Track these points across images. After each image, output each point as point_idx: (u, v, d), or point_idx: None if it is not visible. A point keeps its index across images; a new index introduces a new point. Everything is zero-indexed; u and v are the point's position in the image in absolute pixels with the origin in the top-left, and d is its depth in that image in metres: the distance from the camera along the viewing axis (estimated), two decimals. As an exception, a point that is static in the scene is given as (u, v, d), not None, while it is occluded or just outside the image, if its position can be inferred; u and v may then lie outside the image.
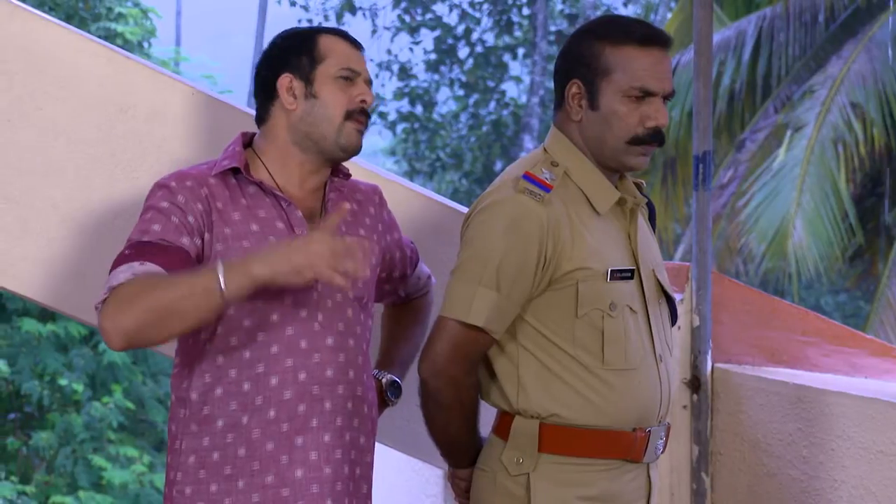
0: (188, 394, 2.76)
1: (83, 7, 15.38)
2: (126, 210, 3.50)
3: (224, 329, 2.74)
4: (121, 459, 13.55)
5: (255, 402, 2.73)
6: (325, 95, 2.79)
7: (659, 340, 2.79)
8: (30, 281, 3.52)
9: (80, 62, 3.51)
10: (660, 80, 2.72)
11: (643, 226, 2.86)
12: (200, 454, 2.75)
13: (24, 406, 13.97)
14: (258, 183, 2.79)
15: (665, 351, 2.80)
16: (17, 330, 13.68)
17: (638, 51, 2.70)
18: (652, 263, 2.82)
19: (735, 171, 11.53)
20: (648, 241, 2.86)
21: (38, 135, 3.48)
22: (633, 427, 2.73)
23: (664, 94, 2.74)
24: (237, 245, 2.72)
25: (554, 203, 2.69)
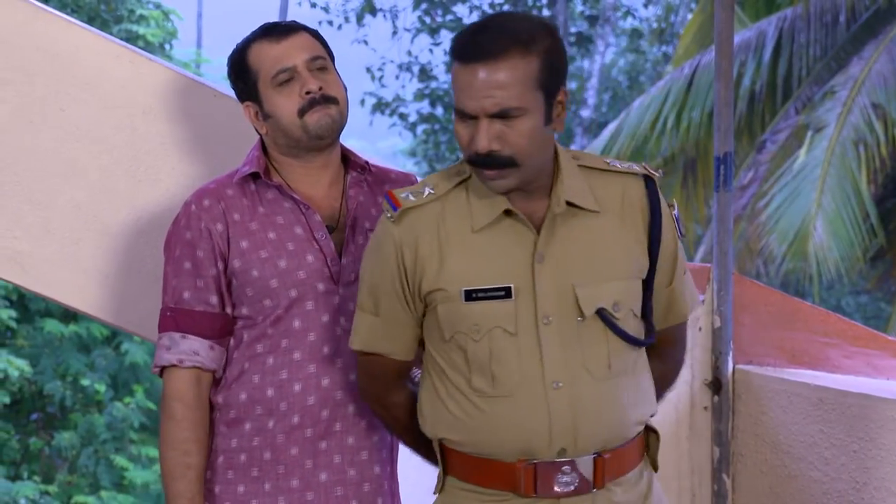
0: (216, 398, 2.80)
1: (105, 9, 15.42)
2: (148, 211, 3.51)
3: (249, 336, 2.78)
4: (143, 459, 13.58)
5: (280, 408, 2.76)
6: (274, 110, 2.79)
7: (554, 364, 2.46)
8: (53, 282, 3.53)
9: (102, 64, 3.52)
10: (473, 99, 2.39)
11: (576, 237, 2.51)
12: (228, 455, 2.79)
13: (46, 406, 14.01)
14: (277, 186, 2.80)
15: (572, 375, 2.46)
16: (40, 330, 13.72)
17: (458, 67, 2.42)
18: (573, 278, 2.48)
19: (756, 172, 11.49)
20: (581, 252, 2.50)
21: (61, 136, 3.49)
22: (516, 458, 2.48)
23: (486, 115, 2.40)
24: (254, 257, 2.76)
25: (417, 221, 2.52)
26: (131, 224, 3.51)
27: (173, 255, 2.80)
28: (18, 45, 3.46)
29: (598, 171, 2.56)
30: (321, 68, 2.80)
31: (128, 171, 3.52)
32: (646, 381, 2.57)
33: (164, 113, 3.53)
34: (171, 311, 2.78)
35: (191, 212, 2.80)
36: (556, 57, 2.44)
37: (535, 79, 2.40)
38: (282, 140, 2.80)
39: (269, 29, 2.82)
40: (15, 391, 13.39)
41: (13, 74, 3.45)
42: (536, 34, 2.42)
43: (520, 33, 2.40)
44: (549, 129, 2.46)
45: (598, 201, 2.53)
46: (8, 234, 3.47)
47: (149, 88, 3.54)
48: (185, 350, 2.75)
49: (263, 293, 2.75)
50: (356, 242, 2.81)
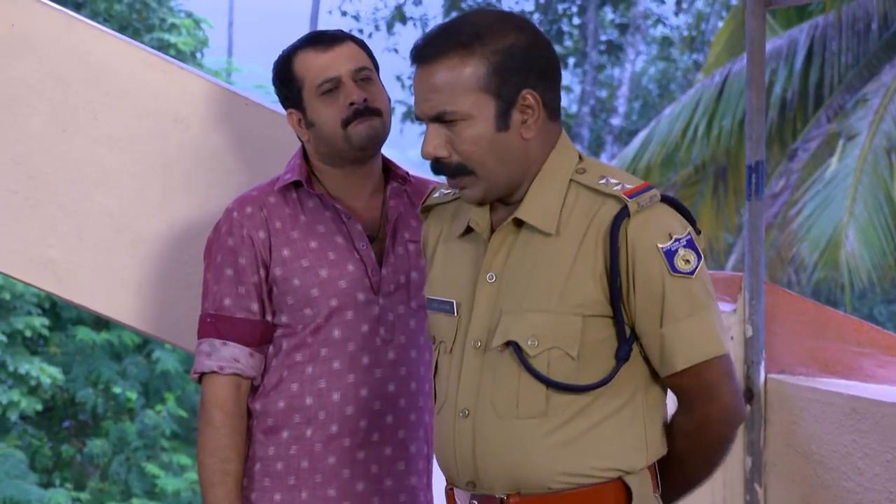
0: (253, 405, 2.80)
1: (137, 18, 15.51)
2: (180, 219, 3.52)
3: (289, 345, 2.78)
4: (174, 467, 13.63)
5: (319, 417, 2.76)
6: (317, 119, 2.78)
7: (465, 392, 2.29)
8: (85, 290, 3.55)
9: (135, 73, 3.53)
10: (417, 103, 2.28)
11: (527, 259, 2.28)
12: (266, 463, 2.79)
13: (78, 414, 14.08)
14: (319, 195, 2.80)
15: (478, 407, 2.28)
16: (72, 338, 13.80)
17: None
18: (506, 303, 2.27)
19: (787, 180, 11.45)
20: (523, 277, 2.28)
21: (94, 145, 3.51)
22: (448, 479, 2.37)
23: (427, 118, 2.26)
24: (296, 265, 2.76)
25: (434, 218, 2.47)
26: (163, 232, 3.53)
27: (214, 261, 2.81)
28: (52, 54, 3.47)
29: (587, 189, 2.28)
30: (366, 79, 2.78)
31: (160, 180, 3.53)
32: (606, 432, 2.25)
33: (196, 121, 3.54)
34: (211, 318, 2.79)
35: (233, 219, 2.80)
36: (517, 57, 2.24)
37: (479, 82, 2.22)
38: (324, 149, 2.80)
39: (316, 37, 2.81)
40: (47, 398, 13.47)
41: (47, 83, 3.47)
42: (486, 34, 2.23)
43: (463, 34, 2.24)
44: (507, 135, 2.25)
45: (565, 223, 2.26)
46: (42, 243, 3.49)
47: (181, 97, 3.55)
48: (226, 357, 2.75)
49: (304, 302, 2.75)
50: (396, 253, 2.81)
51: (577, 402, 2.25)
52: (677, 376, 2.25)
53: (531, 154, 2.28)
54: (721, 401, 2.27)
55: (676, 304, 2.23)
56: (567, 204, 2.28)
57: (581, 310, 2.24)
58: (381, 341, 2.77)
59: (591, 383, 2.24)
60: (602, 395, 2.25)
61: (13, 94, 3.45)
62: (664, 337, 2.23)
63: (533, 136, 2.27)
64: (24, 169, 3.46)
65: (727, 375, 2.27)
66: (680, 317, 2.23)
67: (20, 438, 13.38)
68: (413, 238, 2.82)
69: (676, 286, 2.22)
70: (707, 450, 2.31)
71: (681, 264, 2.23)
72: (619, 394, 2.26)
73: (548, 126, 2.30)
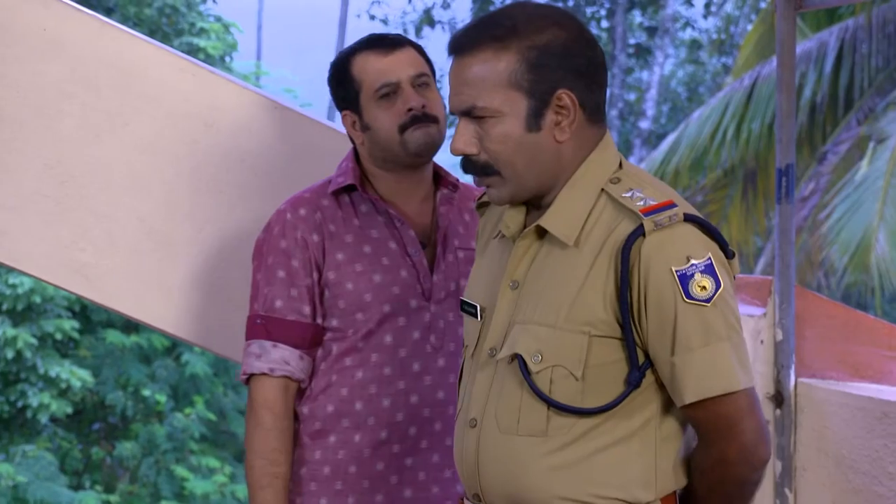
0: (300, 408, 2.80)
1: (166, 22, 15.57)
2: (210, 223, 3.53)
3: (339, 349, 2.77)
4: (202, 470, 13.67)
5: (368, 422, 2.76)
6: (374, 123, 2.77)
7: (476, 401, 2.21)
8: (115, 293, 3.56)
9: (165, 77, 3.55)
10: (450, 95, 2.21)
11: (547, 269, 2.19)
12: (312, 467, 2.78)
13: (108, 416, 14.14)
14: (373, 200, 2.79)
15: (484, 418, 2.20)
16: (102, 341, 13.86)
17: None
18: (520, 314, 2.19)
19: (817, 183, 11.41)
20: (541, 287, 2.18)
21: (124, 149, 3.52)
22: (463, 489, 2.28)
23: (458, 113, 2.19)
24: (349, 270, 2.76)
25: (487, 216, 2.39)
26: (193, 236, 3.54)
27: (265, 262, 2.79)
28: (84, 58, 3.49)
29: (613, 201, 2.16)
30: (424, 85, 2.77)
31: (190, 184, 3.54)
32: (609, 458, 2.14)
33: (225, 125, 3.55)
34: (261, 319, 2.77)
35: (286, 220, 2.79)
36: (554, 55, 2.14)
37: (511, 78, 2.13)
38: (378, 153, 2.78)
39: (377, 40, 2.80)
40: (77, 401, 13.53)
41: (78, 87, 3.49)
42: (523, 28, 2.14)
43: (500, 26, 2.14)
44: (538, 136, 2.15)
45: (587, 235, 2.16)
46: (73, 246, 3.50)
47: (211, 101, 3.56)
48: (276, 359, 2.74)
49: (356, 306, 2.75)
50: (446, 260, 2.80)
51: (581, 426, 2.13)
52: (691, 408, 2.11)
53: (564, 158, 2.17)
54: (738, 439, 2.11)
55: (689, 333, 2.09)
56: (593, 215, 2.16)
57: (588, 329, 2.12)
58: (432, 348, 2.76)
59: (596, 407, 2.12)
60: (609, 420, 2.13)
61: (45, 98, 3.47)
62: (675, 366, 2.10)
63: (567, 139, 2.16)
64: (55, 173, 3.48)
65: (746, 412, 2.11)
66: (693, 346, 2.09)
67: (50, 441, 13.44)
68: (462, 245, 2.81)
69: (690, 313, 2.09)
70: (725, 489, 2.16)
71: (696, 290, 2.08)
72: (628, 421, 2.14)
73: (586, 129, 2.17)
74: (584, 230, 2.16)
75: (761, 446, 2.13)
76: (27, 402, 12.88)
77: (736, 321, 2.13)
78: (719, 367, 2.09)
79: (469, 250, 2.81)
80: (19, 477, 12.52)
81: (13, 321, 12.94)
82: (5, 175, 3.45)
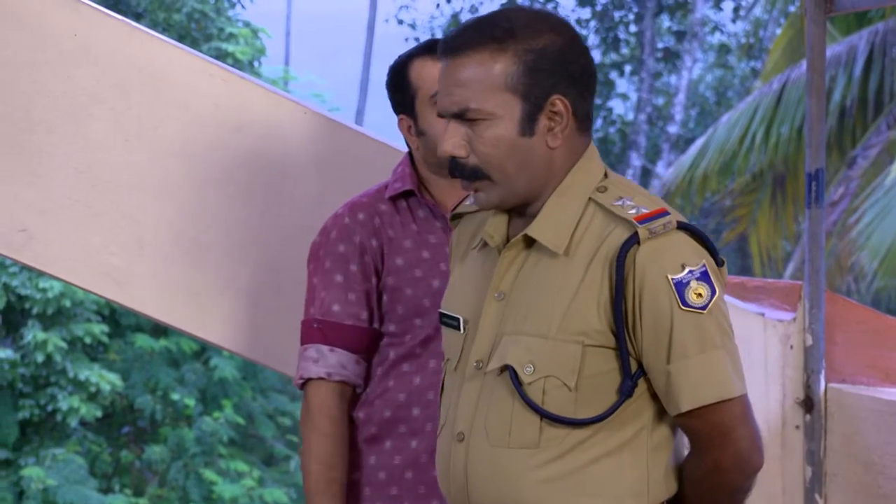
0: (356, 413, 2.78)
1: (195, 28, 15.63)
2: (240, 227, 3.54)
3: (396, 354, 2.75)
4: (231, 474, 13.71)
5: (425, 428, 2.73)
6: (428, 129, 2.74)
7: (463, 414, 2.17)
8: (145, 297, 3.57)
9: (195, 82, 3.56)
10: (440, 97, 2.18)
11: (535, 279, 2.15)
12: (367, 472, 2.76)
13: (137, 420, 14.20)
14: (430, 206, 2.77)
15: (473, 431, 2.16)
16: (131, 345, 13.92)
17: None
18: (508, 325, 2.15)
19: (846, 187, 11.37)
20: (530, 298, 2.15)
21: (154, 154, 3.53)
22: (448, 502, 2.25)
23: (450, 114, 2.16)
24: (409, 276, 2.74)
25: (462, 227, 2.34)
26: (222, 240, 3.55)
27: (322, 266, 2.77)
28: (115, 63, 3.51)
29: (602, 210, 2.14)
30: None
31: (219, 188, 3.55)
32: (603, 469, 2.12)
33: (254, 130, 3.56)
34: (318, 324, 2.75)
35: (344, 224, 2.77)
36: (550, 59, 2.11)
37: (507, 81, 2.10)
38: (432, 159, 2.75)
39: (436, 45, 2.68)
40: (107, 405, 13.59)
41: (109, 92, 3.50)
42: (521, 31, 2.11)
43: (497, 28, 2.11)
44: (531, 141, 2.13)
45: (576, 244, 2.13)
46: (103, 251, 3.52)
47: (241, 106, 3.57)
48: (333, 363, 2.73)
49: (415, 312, 2.73)
50: None
51: (573, 437, 2.11)
52: (685, 417, 2.10)
53: (555, 165, 2.14)
54: (733, 447, 2.10)
55: (685, 341, 2.07)
56: (582, 224, 2.13)
57: (582, 338, 2.10)
58: None
59: (589, 418, 2.10)
60: (602, 431, 2.11)
61: (76, 104, 3.48)
62: (670, 374, 2.08)
63: (559, 146, 2.14)
64: (86, 178, 3.50)
65: (741, 419, 2.10)
66: (689, 354, 2.07)
67: (80, 444, 13.50)
68: None
69: (686, 321, 2.07)
70: (717, 498, 2.15)
71: (692, 298, 2.07)
72: (621, 431, 2.12)
73: (575, 137, 2.16)
74: (573, 239, 2.13)
75: (755, 454, 2.12)
76: (57, 406, 12.94)
77: (729, 328, 2.12)
78: (715, 374, 2.08)
79: None
80: (49, 480, 12.58)
81: (43, 325, 13.01)
82: (36, 179, 3.47)
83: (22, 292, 12.86)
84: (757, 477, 2.15)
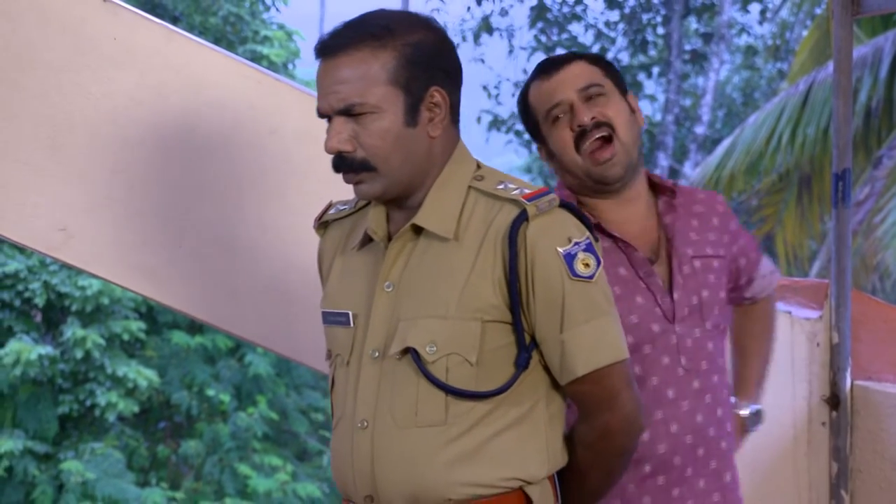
0: None
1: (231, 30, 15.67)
2: (275, 227, 3.55)
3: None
4: (265, 468, 13.75)
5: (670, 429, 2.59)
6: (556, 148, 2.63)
7: (364, 402, 2.21)
8: (182, 295, 3.58)
9: (231, 84, 3.57)
10: (322, 96, 2.22)
11: (426, 266, 2.21)
12: None
13: (173, 415, 14.26)
14: (596, 225, 2.56)
15: (377, 417, 2.20)
16: (168, 342, 13.98)
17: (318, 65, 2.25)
18: (404, 311, 2.20)
19: (872, 187, 11.31)
20: (422, 283, 2.20)
21: (192, 154, 3.55)
22: (342, 498, 2.29)
23: (335, 112, 2.20)
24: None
25: (331, 235, 2.41)
26: (258, 239, 3.56)
27: None
28: (153, 66, 3.52)
29: (485, 195, 2.22)
30: (597, 96, 2.59)
31: (255, 188, 3.56)
32: (506, 441, 2.19)
33: (289, 131, 3.57)
34: None
35: None
36: (426, 53, 2.19)
37: (389, 75, 2.16)
38: (571, 180, 2.64)
39: (543, 65, 2.65)
40: (144, 401, 13.65)
41: (148, 94, 3.52)
42: (398, 28, 2.18)
43: (375, 26, 2.18)
44: (414, 132, 2.19)
45: (464, 229, 2.20)
46: (141, 249, 3.53)
47: (275, 107, 3.58)
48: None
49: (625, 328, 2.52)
50: (682, 273, 2.60)
51: (477, 411, 2.17)
52: (578, 383, 2.18)
53: (434, 154, 2.22)
54: (621, 409, 2.20)
55: (576, 309, 2.16)
56: (466, 210, 2.21)
57: (480, 315, 2.17)
58: (684, 371, 2.56)
59: (491, 390, 2.17)
60: (503, 404, 2.18)
61: (115, 105, 3.50)
62: (564, 342, 2.17)
63: (439, 136, 2.21)
64: (123, 178, 3.51)
65: (626, 383, 2.20)
66: (580, 321, 2.16)
67: (118, 439, 13.57)
68: (697, 254, 2.62)
69: (576, 290, 2.16)
70: (607, 460, 2.24)
71: (581, 268, 2.16)
72: (519, 403, 2.19)
73: (450, 129, 2.24)
74: (460, 224, 2.20)
75: (640, 416, 2.22)
76: (95, 401, 13.01)
77: (611, 296, 2.22)
78: (606, 338, 2.18)
79: (706, 258, 2.61)
80: (88, 474, 12.65)
81: (82, 322, 13.07)
82: (76, 180, 3.48)
83: (62, 290, 12.94)
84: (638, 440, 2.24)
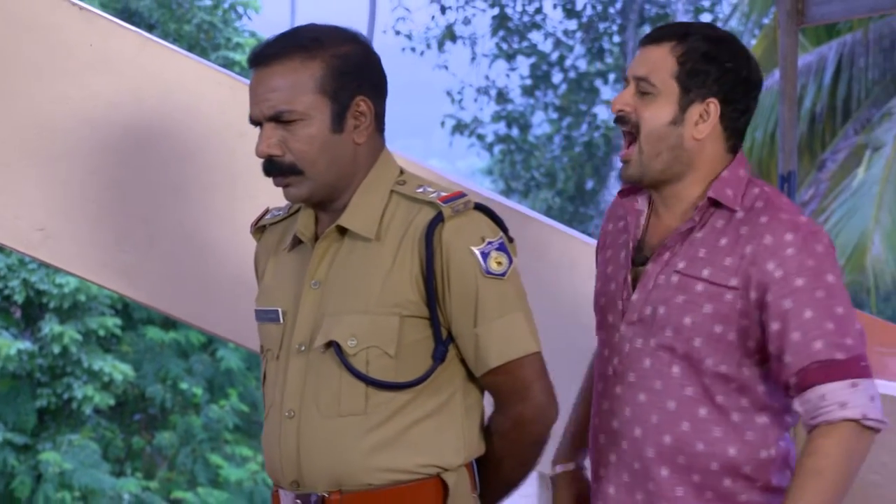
0: None
1: (204, 38, 15.61)
2: (244, 227, 3.54)
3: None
4: (236, 458, 13.71)
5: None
6: None
7: (291, 393, 2.25)
8: (156, 292, 3.58)
9: (204, 90, 3.57)
10: (254, 104, 2.26)
11: (350, 264, 2.25)
12: None
13: (148, 408, 14.19)
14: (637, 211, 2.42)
15: (303, 407, 2.23)
16: (143, 337, 13.91)
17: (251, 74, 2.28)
18: (329, 307, 2.24)
19: (816, 189, 11.39)
20: (346, 281, 2.24)
21: (167, 157, 3.54)
22: (274, 482, 2.31)
23: (265, 118, 2.23)
24: (601, 270, 2.47)
25: (266, 239, 2.42)
26: (229, 239, 3.55)
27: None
28: (129, 72, 3.52)
29: (406, 198, 2.26)
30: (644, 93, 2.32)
31: (226, 190, 3.56)
32: (424, 430, 2.22)
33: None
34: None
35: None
36: (354, 65, 2.23)
37: (317, 84, 2.21)
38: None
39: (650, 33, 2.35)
40: (119, 394, 13.58)
41: (124, 98, 3.51)
42: (327, 40, 2.23)
43: (305, 39, 2.23)
44: (340, 138, 2.23)
45: (385, 229, 2.24)
46: (116, 248, 3.53)
47: (246, 111, 3.56)
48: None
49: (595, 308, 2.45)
50: (656, 280, 2.32)
51: (396, 401, 2.21)
52: (492, 374, 2.23)
53: (360, 160, 2.26)
54: (534, 400, 2.23)
55: (489, 305, 2.21)
56: (388, 212, 2.25)
57: (398, 310, 2.21)
58: (613, 372, 2.36)
59: (409, 381, 2.21)
60: (421, 395, 2.22)
61: (92, 109, 3.49)
62: (478, 336, 2.21)
63: (364, 143, 2.25)
64: (99, 179, 3.51)
65: (539, 374, 2.24)
66: (493, 316, 2.21)
67: (94, 431, 13.50)
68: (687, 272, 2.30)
69: (489, 287, 2.21)
70: (522, 450, 2.27)
71: (493, 266, 2.21)
72: (437, 394, 2.23)
73: (375, 137, 2.28)
74: (381, 225, 2.25)
75: (553, 406, 2.25)
76: (73, 395, 12.94)
77: (524, 294, 2.26)
78: (518, 333, 2.22)
79: (691, 277, 2.28)
80: (65, 464, 12.59)
81: (60, 318, 13.00)
82: (54, 181, 3.48)
83: (40, 287, 12.86)
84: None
